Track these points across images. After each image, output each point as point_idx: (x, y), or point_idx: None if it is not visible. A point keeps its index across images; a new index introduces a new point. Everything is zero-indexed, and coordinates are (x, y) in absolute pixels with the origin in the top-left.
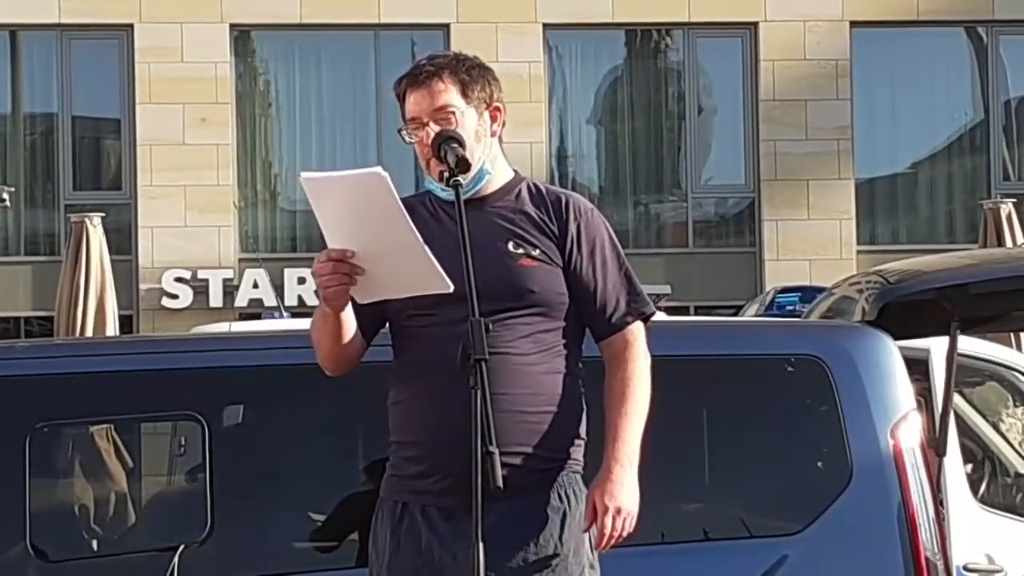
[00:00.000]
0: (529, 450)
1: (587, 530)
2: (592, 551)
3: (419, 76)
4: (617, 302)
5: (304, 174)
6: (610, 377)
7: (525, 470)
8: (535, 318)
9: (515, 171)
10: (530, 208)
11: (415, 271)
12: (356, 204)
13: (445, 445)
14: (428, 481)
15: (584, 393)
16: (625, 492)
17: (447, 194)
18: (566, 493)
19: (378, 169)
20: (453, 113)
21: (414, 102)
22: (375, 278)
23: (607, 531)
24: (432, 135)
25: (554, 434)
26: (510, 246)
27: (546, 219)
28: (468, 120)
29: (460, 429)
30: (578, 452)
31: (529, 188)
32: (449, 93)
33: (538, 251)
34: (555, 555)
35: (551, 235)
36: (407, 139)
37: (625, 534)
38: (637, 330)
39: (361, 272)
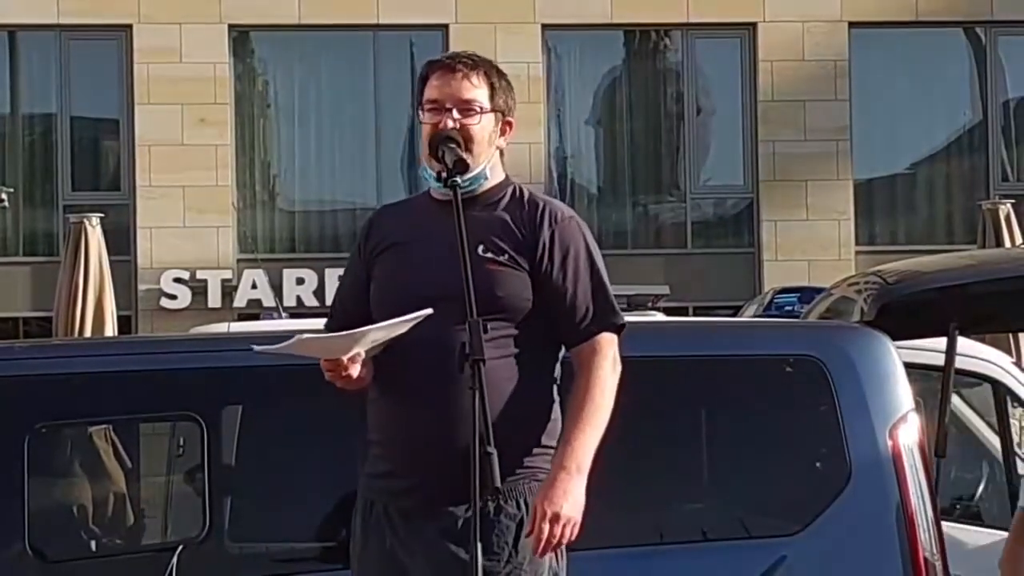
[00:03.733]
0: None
1: (528, 535)
2: (558, 558)
3: (455, 65)
4: (587, 311)
5: (256, 347)
6: (574, 385)
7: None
8: (500, 323)
9: (506, 175)
10: (506, 213)
11: (400, 330)
12: (319, 350)
13: (414, 446)
14: (394, 481)
15: (559, 402)
16: (568, 499)
17: (438, 185)
18: (525, 501)
19: (298, 337)
20: (477, 110)
21: (440, 86)
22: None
23: (543, 536)
24: (448, 125)
25: (516, 441)
26: (480, 249)
27: (519, 224)
28: (486, 122)
29: (428, 431)
30: (543, 461)
31: (513, 193)
32: (480, 90)
33: (505, 256)
34: (507, 563)
35: (521, 240)
36: (423, 119)
37: (564, 541)
38: (605, 340)
39: (358, 355)
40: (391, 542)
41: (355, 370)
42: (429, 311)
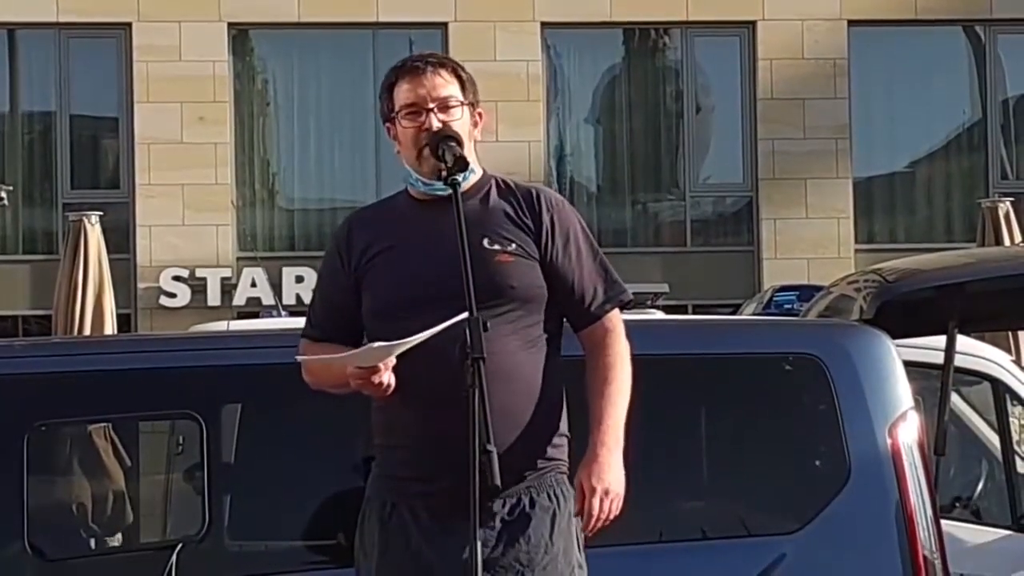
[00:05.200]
0: (519, 449)
1: (578, 513)
2: (580, 551)
3: (422, 66)
4: (595, 291)
5: (299, 357)
6: (591, 364)
7: (515, 470)
8: (517, 314)
9: (483, 169)
10: (502, 204)
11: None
12: (357, 360)
13: (436, 447)
14: (419, 483)
15: (564, 389)
16: (612, 474)
17: (428, 188)
18: (555, 493)
19: (371, 346)
20: (456, 105)
21: (412, 88)
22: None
23: (595, 512)
24: (435, 125)
25: (542, 433)
26: (485, 243)
27: (520, 213)
28: (465, 116)
29: (452, 430)
30: (563, 452)
31: (498, 184)
32: (453, 85)
33: (514, 246)
34: (545, 554)
35: (526, 229)
36: (403, 124)
37: (612, 516)
38: (615, 317)
39: (391, 361)
40: (417, 543)
41: (387, 376)
42: (465, 315)
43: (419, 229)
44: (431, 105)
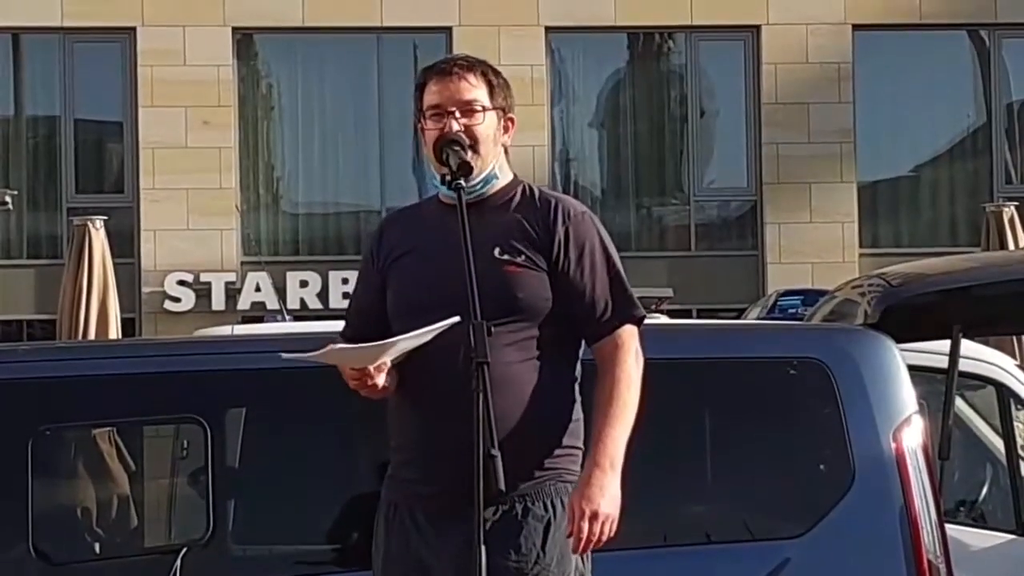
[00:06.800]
0: (512, 459)
1: (570, 535)
2: (583, 560)
3: (452, 68)
4: (606, 305)
5: (284, 355)
6: (599, 380)
7: (510, 479)
8: (520, 324)
9: (514, 174)
10: (520, 213)
11: (428, 338)
12: (349, 359)
13: (438, 450)
14: (419, 485)
15: (581, 401)
16: (604, 496)
17: (445, 190)
18: (552, 502)
19: (331, 346)
20: (479, 110)
21: (438, 91)
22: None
23: (583, 535)
24: (454, 128)
25: (540, 443)
26: (495, 252)
27: (534, 223)
28: (489, 120)
29: (453, 434)
30: (569, 462)
31: (524, 191)
32: (479, 90)
33: (523, 257)
34: (536, 564)
35: (537, 240)
36: (426, 126)
37: (604, 539)
38: (627, 334)
39: (384, 364)
40: (415, 543)
41: (381, 379)
42: (457, 319)
43: (438, 233)
44: (452, 108)
